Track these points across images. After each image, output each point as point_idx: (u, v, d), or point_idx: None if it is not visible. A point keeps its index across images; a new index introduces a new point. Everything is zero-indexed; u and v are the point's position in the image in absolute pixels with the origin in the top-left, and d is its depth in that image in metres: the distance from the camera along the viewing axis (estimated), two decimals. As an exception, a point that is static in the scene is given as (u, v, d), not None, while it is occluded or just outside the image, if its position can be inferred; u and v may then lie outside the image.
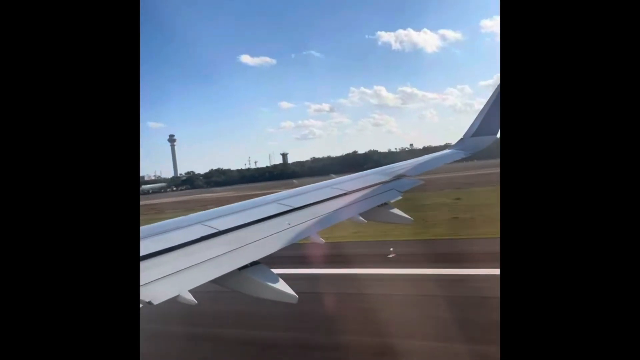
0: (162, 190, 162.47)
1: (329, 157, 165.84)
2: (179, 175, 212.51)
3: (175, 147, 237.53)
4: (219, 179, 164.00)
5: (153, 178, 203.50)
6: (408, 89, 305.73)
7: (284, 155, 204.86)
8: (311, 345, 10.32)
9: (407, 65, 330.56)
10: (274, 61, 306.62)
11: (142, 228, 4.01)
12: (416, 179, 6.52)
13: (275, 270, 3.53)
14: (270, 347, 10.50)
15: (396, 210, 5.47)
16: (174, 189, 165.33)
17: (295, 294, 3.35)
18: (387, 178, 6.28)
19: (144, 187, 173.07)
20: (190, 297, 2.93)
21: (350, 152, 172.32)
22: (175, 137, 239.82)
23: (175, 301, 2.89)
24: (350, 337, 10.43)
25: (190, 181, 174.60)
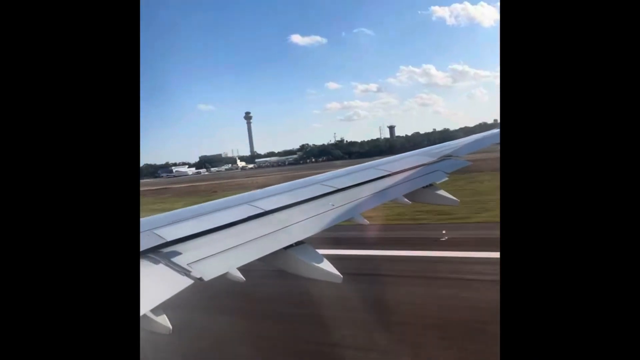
0: (286, 163, 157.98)
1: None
2: (254, 153, 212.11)
3: (251, 124, 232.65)
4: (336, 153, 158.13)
5: (230, 156, 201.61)
6: (459, 67, 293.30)
7: (391, 128, 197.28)
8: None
9: (460, 42, 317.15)
10: (324, 40, 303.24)
11: (190, 208, 4.19)
12: (463, 160, 6.34)
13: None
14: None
15: (442, 192, 5.36)
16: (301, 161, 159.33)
17: (339, 274, 3.39)
18: (432, 159, 6.15)
19: (270, 159, 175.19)
20: (238, 275, 3.05)
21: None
22: (251, 114, 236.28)
23: (224, 278, 3.01)
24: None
25: (311, 154, 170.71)
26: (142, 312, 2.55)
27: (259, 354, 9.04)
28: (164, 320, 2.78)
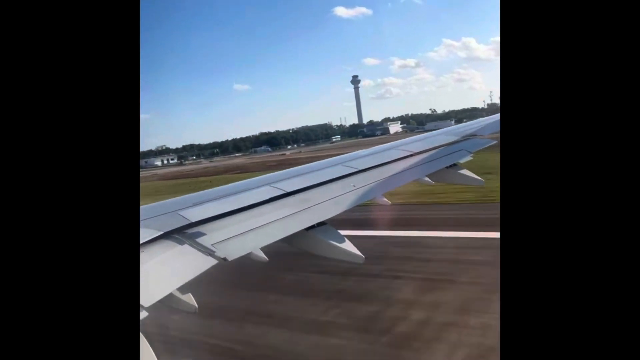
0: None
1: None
2: (363, 122, 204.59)
3: (360, 90, 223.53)
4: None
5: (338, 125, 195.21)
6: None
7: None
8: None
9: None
10: (369, 11, 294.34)
11: (214, 189, 4.24)
12: (488, 139, 6.19)
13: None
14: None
15: (466, 172, 5.26)
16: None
17: (361, 255, 3.40)
18: (456, 138, 6.02)
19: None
20: (262, 255, 3.08)
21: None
22: (359, 78, 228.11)
23: (247, 258, 3.06)
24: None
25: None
26: (168, 291, 2.62)
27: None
28: (189, 299, 2.85)
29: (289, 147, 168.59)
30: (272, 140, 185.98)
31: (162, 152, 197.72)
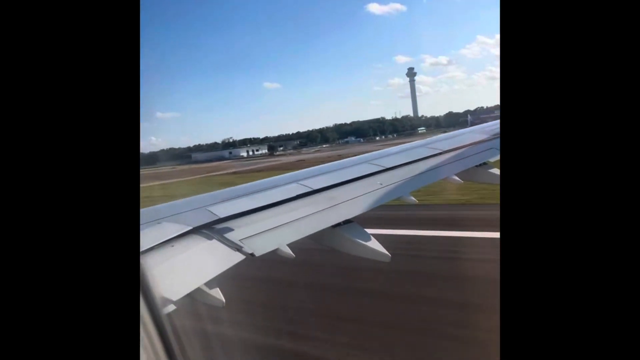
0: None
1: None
2: (419, 116, 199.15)
3: (414, 83, 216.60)
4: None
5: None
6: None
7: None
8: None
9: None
10: (404, 8, 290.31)
11: (241, 186, 4.30)
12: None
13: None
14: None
15: (495, 170, 5.15)
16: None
17: (387, 253, 3.37)
18: (486, 136, 5.90)
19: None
20: (288, 251, 3.11)
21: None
22: (415, 70, 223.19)
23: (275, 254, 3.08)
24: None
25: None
26: (196, 285, 2.66)
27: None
28: (217, 293, 2.90)
29: (377, 137, 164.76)
30: (356, 132, 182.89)
31: (243, 142, 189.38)
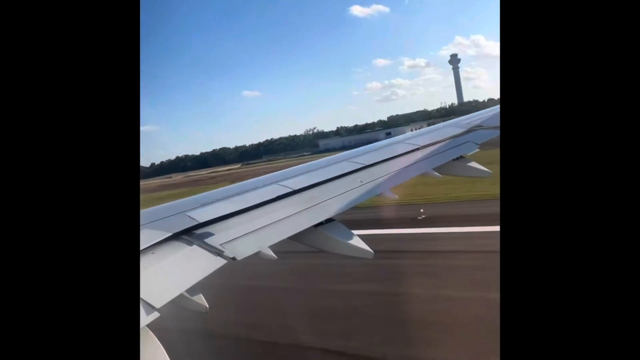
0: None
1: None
2: (465, 101, 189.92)
3: (458, 70, 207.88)
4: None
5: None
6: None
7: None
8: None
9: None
10: (387, 9, 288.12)
11: (221, 189, 4.25)
12: (494, 130, 6.14)
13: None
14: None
15: (473, 164, 5.22)
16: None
17: (370, 250, 3.39)
18: (462, 130, 5.98)
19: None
20: (270, 253, 3.09)
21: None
22: (458, 56, 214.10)
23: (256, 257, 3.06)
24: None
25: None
26: (179, 292, 2.63)
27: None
28: (200, 299, 2.87)
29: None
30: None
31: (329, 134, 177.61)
